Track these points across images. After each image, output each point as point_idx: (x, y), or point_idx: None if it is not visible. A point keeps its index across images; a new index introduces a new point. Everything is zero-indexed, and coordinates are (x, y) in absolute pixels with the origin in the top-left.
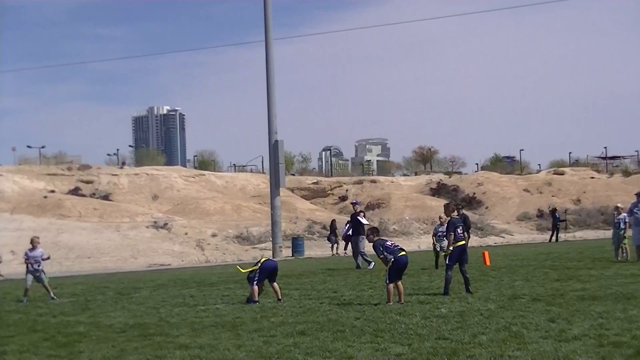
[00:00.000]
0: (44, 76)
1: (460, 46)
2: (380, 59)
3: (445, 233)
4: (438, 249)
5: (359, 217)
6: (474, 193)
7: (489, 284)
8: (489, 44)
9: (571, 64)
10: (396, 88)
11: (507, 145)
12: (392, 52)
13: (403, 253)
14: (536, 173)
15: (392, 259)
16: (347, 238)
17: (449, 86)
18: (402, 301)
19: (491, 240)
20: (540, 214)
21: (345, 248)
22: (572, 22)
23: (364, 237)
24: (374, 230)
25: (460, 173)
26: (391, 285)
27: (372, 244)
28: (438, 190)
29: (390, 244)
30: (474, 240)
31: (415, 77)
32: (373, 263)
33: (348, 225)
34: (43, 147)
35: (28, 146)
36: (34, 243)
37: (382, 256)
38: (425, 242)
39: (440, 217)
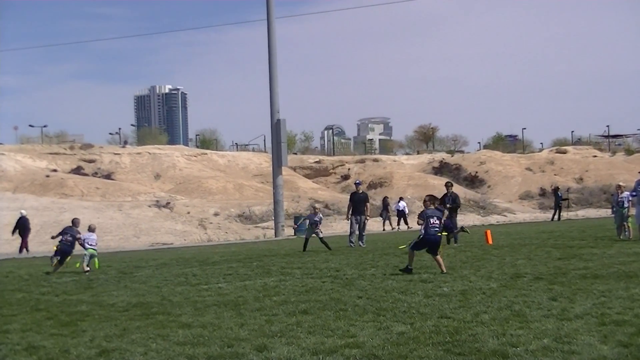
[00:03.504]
0: (46, 55)
1: (462, 24)
2: (382, 37)
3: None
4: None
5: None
6: (477, 172)
7: (491, 263)
8: (492, 22)
9: (574, 41)
10: (398, 66)
11: (509, 123)
12: (394, 31)
13: (432, 233)
14: (538, 152)
15: (422, 234)
16: (400, 214)
17: (452, 64)
18: (444, 270)
19: (493, 219)
20: (543, 193)
21: (398, 223)
22: None
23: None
24: (432, 198)
25: (462, 152)
26: (412, 252)
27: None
28: (440, 169)
29: (432, 220)
30: (476, 219)
31: (417, 56)
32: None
33: (400, 200)
34: (45, 126)
35: (30, 125)
36: (92, 229)
37: (421, 223)
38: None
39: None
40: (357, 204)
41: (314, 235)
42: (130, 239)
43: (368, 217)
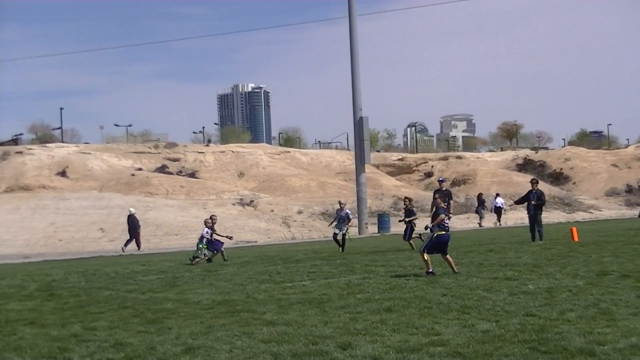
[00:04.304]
0: (130, 55)
1: (547, 18)
2: (464, 33)
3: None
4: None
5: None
6: (561, 168)
7: (577, 260)
8: (576, 16)
9: None
10: (481, 62)
11: (594, 119)
12: (477, 26)
13: (444, 232)
14: (624, 148)
15: (435, 234)
16: (497, 210)
17: (535, 60)
18: (456, 270)
19: (579, 215)
20: (629, 190)
21: (499, 219)
22: None
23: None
24: (441, 196)
25: (546, 148)
26: (425, 255)
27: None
28: (524, 166)
29: (447, 221)
30: (561, 216)
31: (500, 51)
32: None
33: (497, 196)
34: (130, 125)
35: (115, 125)
36: (206, 223)
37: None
38: (512, 218)
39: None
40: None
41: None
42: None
43: (452, 215)
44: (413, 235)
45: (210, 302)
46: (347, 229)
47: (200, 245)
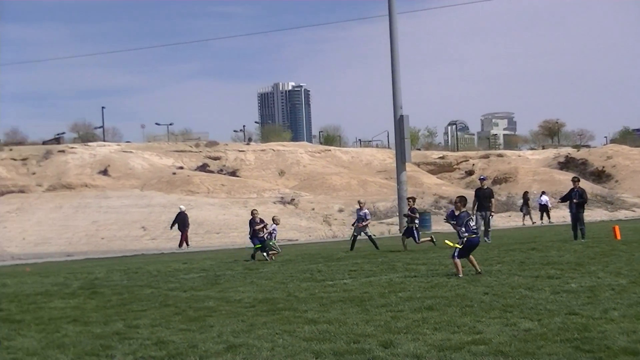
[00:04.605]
0: (171, 54)
1: (587, 16)
2: (505, 30)
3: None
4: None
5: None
6: (603, 166)
7: (620, 259)
8: (616, 14)
9: None
10: (522, 60)
11: (638, 117)
12: (518, 24)
13: (474, 235)
14: None
15: (466, 238)
16: (542, 208)
17: (576, 58)
18: (480, 270)
19: (621, 214)
20: None
21: (541, 217)
22: None
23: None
24: (462, 200)
25: (588, 146)
26: (458, 260)
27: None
28: (566, 164)
29: (472, 223)
30: (603, 214)
31: (541, 49)
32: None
33: (542, 194)
34: (171, 124)
35: (156, 123)
36: (275, 220)
37: (459, 228)
38: (554, 217)
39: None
40: (482, 200)
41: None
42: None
43: (493, 213)
44: (422, 239)
45: (252, 300)
46: (367, 228)
47: (272, 242)
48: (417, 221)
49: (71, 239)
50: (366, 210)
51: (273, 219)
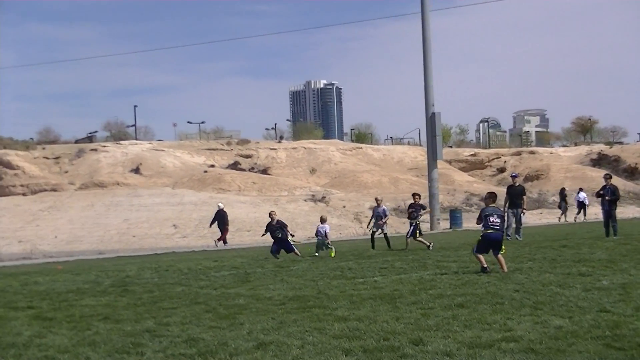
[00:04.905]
0: (203, 52)
1: (621, 12)
2: (537, 28)
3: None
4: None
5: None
6: (636, 163)
7: None
8: None
9: None
10: (555, 57)
11: None
12: (550, 21)
13: (492, 231)
14: None
15: (482, 233)
16: (580, 205)
17: (610, 54)
18: (505, 270)
19: None
20: None
21: (578, 214)
22: None
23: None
24: (492, 196)
25: (621, 143)
26: (479, 255)
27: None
28: (599, 161)
29: (492, 219)
30: (636, 211)
31: (574, 46)
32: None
33: (580, 191)
34: (203, 122)
35: (188, 122)
36: (322, 220)
37: (479, 222)
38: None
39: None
40: (514, 197)
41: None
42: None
43: (525, 210)
44: (418, 237)
45: (282, 297)
46: (385, 226)
47: (327, 241)
48: (421, 218)
49: (103, 237)
50: (384, 207)
51: (322, 219)
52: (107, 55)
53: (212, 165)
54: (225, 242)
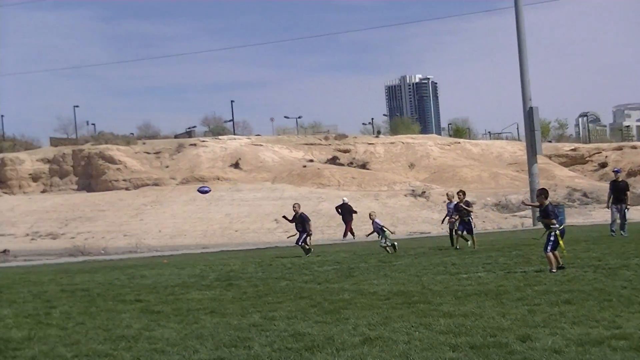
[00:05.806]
0: (299, 47)
1: None
2: (637, 17)
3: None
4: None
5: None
6: None
7: None
8: None
9: None
10: None
11: None
12: None
13: (562, 227)
14: None
15: (557, 230)
16: None
17: None
18: (561, 264)
19: None
20: None
21: None
22: None
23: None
24: (544, 192)
25: None
26: (550, 254)
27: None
28: None
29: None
30: None
31: None
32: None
33: None
34: (300, 117)
35: (285, 116)
36: (371, 217)
37: (553, 219)
38: None
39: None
40: (617, 193)
41: None
42: (389, 228)
43: (629, 206)
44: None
45: (387, 293)
46: (457, 222)
47: (387, 233)
48: (472, 215)
49: (206, 231)
50: (456, 202)
51: (370, 215)
52: (203, 51)
53: (311, 160)
54: (353, 235)
